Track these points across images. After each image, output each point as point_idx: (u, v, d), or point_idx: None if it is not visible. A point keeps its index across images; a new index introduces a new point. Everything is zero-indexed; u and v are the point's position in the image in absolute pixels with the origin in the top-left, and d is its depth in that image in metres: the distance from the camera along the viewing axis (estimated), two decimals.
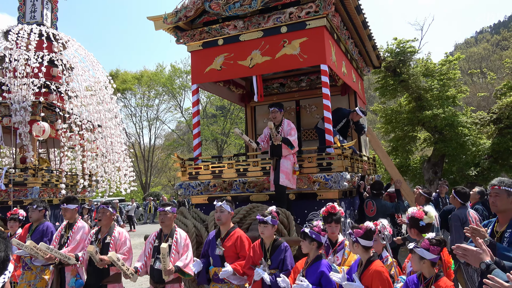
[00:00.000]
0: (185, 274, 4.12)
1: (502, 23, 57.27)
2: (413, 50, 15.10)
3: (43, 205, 5.48)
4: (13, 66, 9.65)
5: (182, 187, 6.97)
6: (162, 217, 4.34)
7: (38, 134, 9.38)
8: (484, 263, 2.37)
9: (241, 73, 7.03)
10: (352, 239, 3.31)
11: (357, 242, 3.29)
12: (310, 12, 6.26)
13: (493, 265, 2.34)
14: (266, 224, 3.92)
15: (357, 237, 3.28)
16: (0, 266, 1.17)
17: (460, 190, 5.55)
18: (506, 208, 2.90)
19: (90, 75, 11.32)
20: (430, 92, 14.89)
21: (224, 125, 30.50)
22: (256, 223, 4.17)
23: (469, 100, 26.24)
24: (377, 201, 6.43)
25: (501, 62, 28.70)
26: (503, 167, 14.18)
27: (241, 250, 4.15)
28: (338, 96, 8.80)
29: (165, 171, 37.64)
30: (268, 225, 3.92)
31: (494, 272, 2.26)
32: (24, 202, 9.23)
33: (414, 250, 3.03)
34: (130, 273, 4.10)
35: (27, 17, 11.27)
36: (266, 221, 3.91)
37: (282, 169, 5.65)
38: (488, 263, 2.36)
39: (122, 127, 12.45)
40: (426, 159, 15.59)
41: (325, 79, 6.23)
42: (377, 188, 6.58)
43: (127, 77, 32.98)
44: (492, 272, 2.26)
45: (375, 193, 6.55)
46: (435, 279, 2.98)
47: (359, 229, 3.31)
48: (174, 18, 6.94)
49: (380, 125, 17.69)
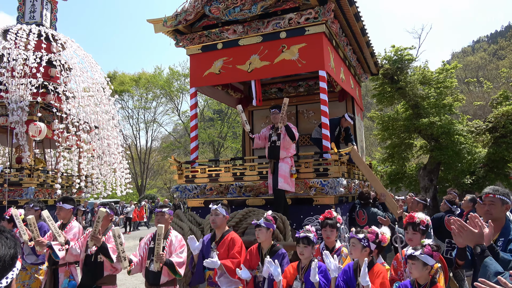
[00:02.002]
0: (176, 273, 4.10)
1: (499, 33, 57.77)
2: (410, 58, 15.20)
3: (40, 205, 5.45)
4: (11, 65, 9.63)
5: (178, 190, 6.96)
6: (159, 218, 4.33)
7: (34, 134, 9.35)
8: (478, 246, 2.37)
9: (239, 78, 7.05)
10: (364, 243, 3.33)
11: (369, 246, 3.34)
12: (309, 18, 6.30)
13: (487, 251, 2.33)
14: (260, 228, 3.92)
15: (370, 242, 3.34)
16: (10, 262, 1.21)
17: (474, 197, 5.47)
18: (500, 216, 2.91)
19: (88, 76, 11.31)
20: (427, 100, 14.98)
21: (221, 129, 30.50)
22: (253, 227, 4.18)
23: (466, 108, 26.39)
24: (367, 209, 6.46)
25: (497, 72, 28.92)
26: (498, 176, 14.25)
27: (231, 250, 4.13)
28: (335, 102, 8.83)
29: (161, 173, 37.57)
30: (262, 228, 3.92)
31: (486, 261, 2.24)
32: (19, 202, 9.18)
33: (418, 257, 3.02)
34: (123, 256, 4.04)
35: (27, 17, 11.27)
36: (259, 224, 3.92)
37: (281, 172, 5.65)
38: (484, 248, 2.35)
39: (119, 129, 12.43)
40: (422, 166, 15.65)
41: (323, 85, 6.26)
42: (364, 198, 6.61)
43: (125, 79, 32.97)
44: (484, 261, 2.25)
45: (363, 202, 6.59)
46: (430, 285, 2.99)
47: (371, 234, 3.35)
48: (174, 22, 6.96)
49: (377, 131, 17.75)
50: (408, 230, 3.81)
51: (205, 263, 3.95)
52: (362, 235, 3.36)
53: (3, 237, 1.22)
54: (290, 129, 5.70)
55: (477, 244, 2.39)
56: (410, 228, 3.78)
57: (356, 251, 3.39)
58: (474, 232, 2.43)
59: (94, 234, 4.13)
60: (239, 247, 4.15)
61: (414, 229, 3.74)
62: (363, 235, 3.36)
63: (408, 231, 3.81)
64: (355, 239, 3.38)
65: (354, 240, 3.39)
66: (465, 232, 2.47)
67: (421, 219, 3.77)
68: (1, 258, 1.18)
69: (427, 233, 3.76)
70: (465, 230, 2.47)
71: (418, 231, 3.70)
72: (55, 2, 11.86)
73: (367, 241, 3.33)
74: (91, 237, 4.16)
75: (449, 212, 5.90)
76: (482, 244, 2.37)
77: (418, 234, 3.61)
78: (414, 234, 3.68)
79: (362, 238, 3.35)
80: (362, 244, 3.33)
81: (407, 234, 3.83)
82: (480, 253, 2.34)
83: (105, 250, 4.18)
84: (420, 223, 3.74)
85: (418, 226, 3.73)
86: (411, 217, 3.84)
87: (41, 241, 4.42)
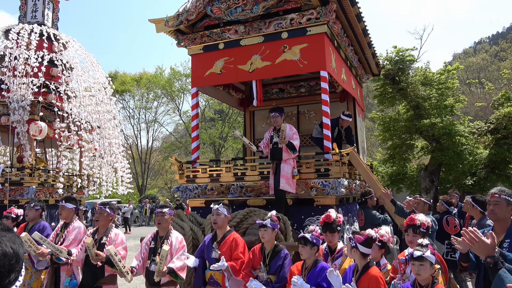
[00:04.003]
0: (178, 277, 4.10)
1: (501, 34, 57.66)
2: (412, 58, 15.18)
3: (40, 204, 5.45)
4: (12, 65, 9.64)
5: (179, 190, 6.96)
6: (159, 218, 4.31)
7: (35, 134, 9.36)
8: (491, 258, 2.33)
9: (241, 78, 7.05)
10: (352, 244, 3.31)
11: (356, 248, 3.29)
12: (311, 19, 6.30)
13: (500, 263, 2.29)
14: (266, 228, 3.91)
15: (357, 243, 3.29)
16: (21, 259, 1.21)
17: (479, 198, 5.21)
18: (505, 217, 2.90)
19: (90, 76, 11.31)
20: (428, 101, 14.95)
21: (222, 129, 30.49)
22: (254, 227, 4.18)
23: (467, 109, 26.37)
24: (365, 210, 6.41)
25: (499, 73, 28.87)
26: (499, 177, 14.22)
27: (234, 251, 4.13)
28: (337, 103, 8.83)
29: (162, 173, 37.56)
30: (268, 228, 3.91)
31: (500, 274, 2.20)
32: (20, 201, 9.19)
33: (427, 258, 3.01)
34: (125, 271, 4.06)
35: (28, 17, 11.27)
36: (265, 225, 3.91)
37: (283, 173, 5.65)
38: (496, 260, 2.32)
39: (120, 128, 12.43)
40: (423, 167, 15.61)
41: (325, 86, 6.26)
42: (362, 195, 6.59)
43: (126, 78, 32.96)
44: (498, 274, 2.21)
45: (362, 201, 6.55)
46: (431, 286, 2.98)
47: (360, 236, 3.32)
48: (176, 21, 6.96)
49: (378, 132, 17.73)
50: (408, 232, 3.80)
51: (213, 267, 3.94)
52: (350, 236, 3.35)
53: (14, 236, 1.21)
54: (292, 144, 5.70)
55: (488, 256, 2.35)
56: (410, 231, 3.77)
57: (348, 251, 3.42)
58: (486, 243, 2.40)
59: (93, 258, 4.14)
60: (243, 248, 4.15)
61: (415, 231, 3.73)
62: (351, 236, 3.35)
63: (408, 233, 3.80)
64: (346, 239, 3.41)
65: (346, 240, 3.42)
66: (477, 244, 2.43)
67: (422, 221, 3.76)
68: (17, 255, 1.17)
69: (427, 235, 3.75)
70: (477, 242, 2.44)
71: (418, 234, 3.69)
72: (57, 2, 11.86)
73: (354, 242, 3.30)
74: (92, 259, 4.17)
75: (446, 213, 5.87)
76: (494, 256, 2.34)
77: (418, 237, 3.59)
78: (414, 237, 3.67)
79: (349, 238, 3.34)
80: (351, 244, 3.31)
81: (407, 236, 3.82)
82: (493, 266, 2.31)
83: (110, 262, 4.18)
84: (420, 226, 3.73)
85: (418, 229, 3.72)
86: (412, 219, 3.84)
87: (42, 252, 4.47)
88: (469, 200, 5.25)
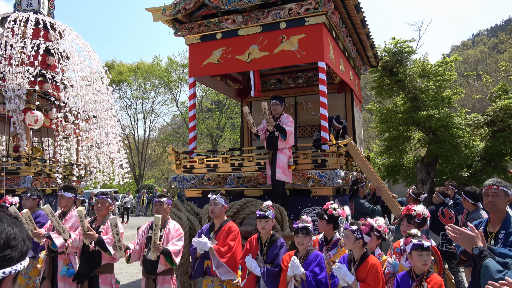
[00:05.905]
0: (173, 262, 4.11)
1: (499, 27, 57.58)
2: (410, 50, 15.13)
3: (37, 193, 5.44)
4: (8, 53, 9.56)
5: (176, 180, 6.97)
6: (158, 207, 4.33)
7: (31, 123, 9.31)
8: (477, 248, 2.38)
9: (238, 68, 7.02)
10: (357, 235, 3.30)
11: (362, 238, 3.30)
12: (309, 9, 6.26)
13: (486, 252, 2.34)
14: (267, 219, 3.92)
15: (364, 234, 3.31)
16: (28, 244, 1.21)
17: (470, 190, 5.23)
18: (502, 208, 2.93)
19: (86, 65, 11.24)
20: (426, 92, 14.94)
21: (220, 120, 30.44)
22: (250, 217, 4.19)
23: (464, 102, 26.38)
24: (355, 199, 6.44)
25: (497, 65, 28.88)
26: (495, 169, 14.29)
27: (226, 238, 4.13)
28: (334, 94, 8.83)
29: (159, 164, 37.56)
30: (269, 219, 3.93)
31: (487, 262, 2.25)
32: (17, 191, 9.18)
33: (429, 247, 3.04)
34: (119, 245, 4.05)
35: (24, 4, 11.14)
36: (267, 216, 3.91)
37: (279, 163, 5.66)
38: (482, 249, 2.36)
39: (117, 118, 12.39)
40: (419, 159, 15.66)
41: (323, 76, 6.25)
42: (352, 184, 6.60)
43: (123, 68, 32.76)
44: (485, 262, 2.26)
45: (355, 188, 6.57)
46: (426, 275, 3.02)
47: (365, 226, 3.34)
48: (173, 10, 6.91)
49: (375, 124, 17.75)
50: (403, 222, 3.83)
51: (193, 242, 3.97)
52: (356, 227, 3.33)
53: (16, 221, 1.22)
54: (281, 128, 5.69)
55: (475, 247, 2.40)
56: (405, 220, 3.80)
57: (349, 242, 3.37)
58: (470, 235, 2.45)
59: (85, 233, 4.13)
60: (234, 235, 4.15)
61: (409, 221, 3.76)
62: (357, 227, 3.33)
63: (403, 223, 3.83)
64: (348, 230, 3.35)
65: (347, 231, 3.37)
66: (461, 236, 2.48)
67: (418, 212, 3.79)
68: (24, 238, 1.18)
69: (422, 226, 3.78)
70: (460, 235, 2.49)
71: (412, 224, 3.71)
72: None
73: (360, 233, 3.30)
74: (84, 235, 4.17)
75: (442, 204, 5.90)
76: (479, 246, 2.38)
77: (412, 227, 3.61)
78: (408, 226, 3.69)
79: (355, 230, 3.32)
80: (355, 236, 3.30)
81: (402, 226, 3.85)
82: (478, 255, 2.35)
83: (101, 244, 4.19)
84: (415, 216, 3.76)
85: (413, 219, 3.75)
86: (408, 210, 3.86)
87: (38, 233, 4.44)
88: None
